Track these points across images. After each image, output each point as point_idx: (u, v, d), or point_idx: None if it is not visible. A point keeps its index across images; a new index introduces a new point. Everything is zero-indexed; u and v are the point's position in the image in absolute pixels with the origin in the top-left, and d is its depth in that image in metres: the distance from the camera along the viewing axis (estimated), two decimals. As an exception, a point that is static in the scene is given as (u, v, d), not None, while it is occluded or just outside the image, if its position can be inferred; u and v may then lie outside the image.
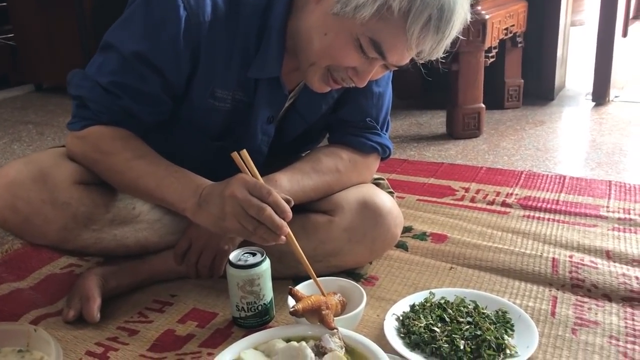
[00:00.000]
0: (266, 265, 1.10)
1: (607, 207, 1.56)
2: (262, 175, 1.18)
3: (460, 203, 1.63)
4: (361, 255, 1.25)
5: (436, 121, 2.44)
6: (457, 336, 1.03)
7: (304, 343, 0.89)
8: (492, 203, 1.62)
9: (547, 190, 1.69)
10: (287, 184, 1.18)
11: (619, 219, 1.49)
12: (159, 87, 1.09)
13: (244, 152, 0.97)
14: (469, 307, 1.12)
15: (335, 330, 0.96)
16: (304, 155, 1.32)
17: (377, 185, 1.37)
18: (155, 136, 1.17)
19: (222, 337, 1.11)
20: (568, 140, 2.20)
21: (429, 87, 2.71)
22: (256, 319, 1.11)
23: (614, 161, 1.91)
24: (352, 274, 1.30)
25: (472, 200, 1.65)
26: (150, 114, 1.12)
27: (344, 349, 0.94)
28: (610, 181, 1.73)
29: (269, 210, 0.95)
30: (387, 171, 1.86)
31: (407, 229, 1.47)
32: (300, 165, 1.23)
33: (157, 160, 1.09)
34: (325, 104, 1.24)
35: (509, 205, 1.60)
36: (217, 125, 1.17)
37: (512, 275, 1.27)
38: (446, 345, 1.01)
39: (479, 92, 2.18)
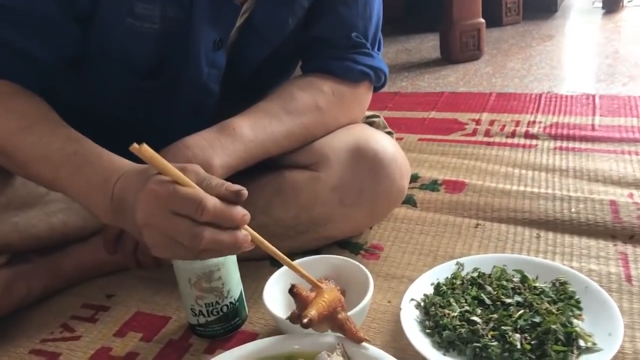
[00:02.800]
0: (228, 249, 0.77)
1: (658, 128, 1.25)
2: (217, 122, 0.85)
3: (473, 139, 1.31)
4: (358, 220, 0.93)
5: (427, 45, 2.09)
6: (509, 328, 0.72)
7: (290, 374, 0.58)
8: (512, 135, 1.30)
9: (577, 114, 1.37)
10: (250, 132, 0.85)
11: (678, 141, 1.18)
12: (54, 5, 0.73)
13: (144, 147, 0.57)
14: (514, 279, 0.81)
15: (339, 347, 0.65)
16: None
17: (371, 124, 1.04)
18: (62, 81, 0.82)
19: (176, 354, 0.79)
20: (586, 54, 1.87)
21: (412, 8, 2.33)
22: (221, 325, 0.79)
23: (648, 73, 1.60)
24: (348, 244, 0.98)
25: (487, 134, 1.33)
26: (49, 50, 0.77)
27: (350, 371, 0.63)
28: (651, 96, 1.42)
29: (208, 233, 0.59)
30: (377, 108, 1.52)
31: (412, 178, 1.15)
32: (266, 106, 0.89)
33: (49, 132, 0.73)
34: (292, 16, 0.89)
35: (535, 137, 1.28)
36: (143, 56, 0.83)
37: (560, 227, 0.96)
38: (495, 344, 0.71)
39: (477, 5, 1.82)
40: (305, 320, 0.62)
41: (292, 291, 0.65)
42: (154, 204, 0.60)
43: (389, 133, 1.04)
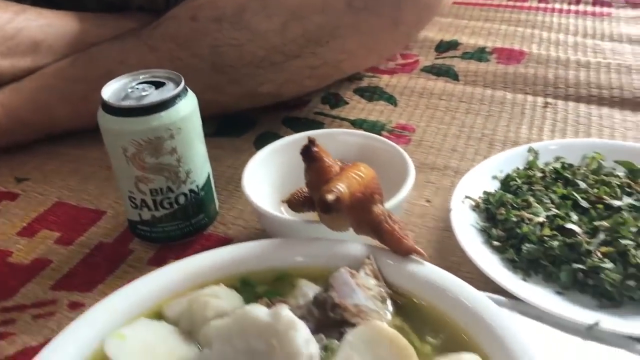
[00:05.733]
0: (189, 105, 0.48)
1: None
2: None
3: (526, 4, 1.00)
4: (378, 34, 0.64)
5: None
6: (630, 242, 0.45)
7: (285, 310, 0.30)
8: (577, 2, 0.99)
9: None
10: None
11: None
12: None
13: None
14: (619, 175, 0.54)
15: (369, 261, 0.38)
16: None
17: None
18: None
19: (106, 264, 0.52)
20: None
21: None
22: (177, 224, 0.51)
23: None
24: (364, 122, 0.70)
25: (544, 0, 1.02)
26: None
27: (389, 303, 0.36)
28: None
29: None
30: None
31: (450, 45, 0.86)
32: None
33: None
34: None
35: (607, 4, 0.98)
36: None
37: (665, 110, 0.68)
38: (610, 266, 0.44)
39: None
40: (329, 197, 0.34)
41: (309, 151, 0.37)
42: None
43: None
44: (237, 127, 0.70)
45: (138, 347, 0.32)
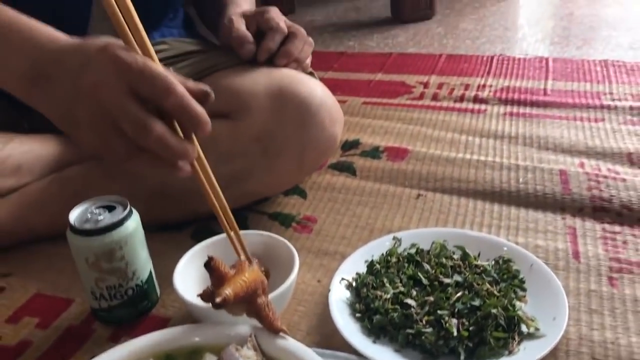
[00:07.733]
0: (133, 224, 0.67)
1: (611, 93, 1.19)
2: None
3: (420, 103, 1.22)
4: (285, 173, 0.83)
5: (378, 4, 1.98)
6: (445, 312, 0.65)
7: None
8: (461, 100, 1.22)
9: (529, 78, 1.30)
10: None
11: (632, 107, 1.12)
12: None
13: None
14: (455, 257, 0.74)
15: (251, 338, 0.56)
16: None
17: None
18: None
19: (75, 342, 0.70)
20: (541, 16, 1.80)
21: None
22: (127, 309, 0.70)
23: (603, 37, 1.53)
24: (279, 215, 0.89)
25: (435, 97, 1.25)
26: None
27: (263, 366, 0.55)
28: (605, 60, 1.35)
29: (159, 128, 0.51)
30: (322, 68, 1.43)
31: (352, 144, 1.07)
32: None
33: None
34: None
35: (484, 101, 1.21)
36: None
37: (506, 199, 0.89)
38: (430, 330, 0.64)
39: (430, -39, 1.73)
40: (218, 299, 0.53)
41: (209, 265, 0.56)
42: (113, 72, 0.50)
43: (310, 74, 0.94)
44: (177, 224, 0.88)
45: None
